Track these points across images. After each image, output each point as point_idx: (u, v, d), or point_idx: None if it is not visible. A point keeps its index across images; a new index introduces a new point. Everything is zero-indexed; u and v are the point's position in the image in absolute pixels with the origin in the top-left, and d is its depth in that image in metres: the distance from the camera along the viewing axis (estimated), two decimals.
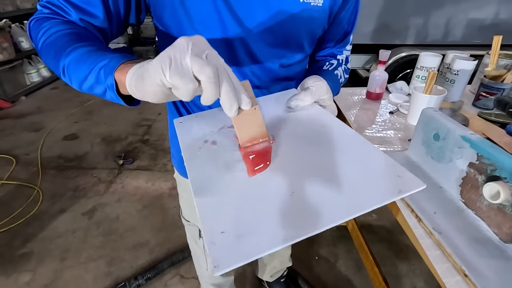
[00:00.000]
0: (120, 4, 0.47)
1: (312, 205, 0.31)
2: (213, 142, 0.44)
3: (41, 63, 3.48)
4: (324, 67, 0.63)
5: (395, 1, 2.37)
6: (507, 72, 0.96)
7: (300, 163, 0.38)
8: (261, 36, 0.52)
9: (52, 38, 0.42)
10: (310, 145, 0.42)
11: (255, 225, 0.29)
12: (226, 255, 0.26)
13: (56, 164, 2.11)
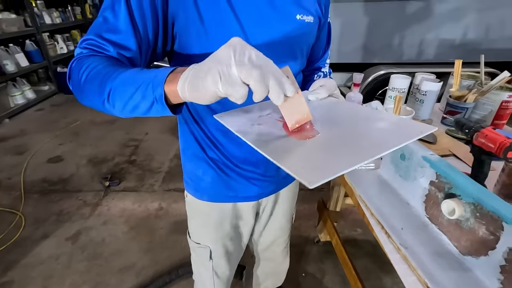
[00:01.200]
0: (150, 35, 0.51)
1: (356, 146, 0.40)
2: (259, 124, 0.49)
3: (26, 85, 3.47)
4: (315, 78, 0.74)
5: (372, 24, 2.52)
6: (469, 92, 1.04)
7: (340, 129, 0.46)
8: (266, 51, 0.59)
9: (96, 69, 0.45)
10: (342, 121, 0.49)
11: (323, 162, 0.37)
12: (312, 175, 0.33)
13: (40, 188, 2.08)
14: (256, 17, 0.55)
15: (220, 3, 0.52)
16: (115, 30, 0.48)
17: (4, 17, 3.14)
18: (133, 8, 0.48)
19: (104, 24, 0.49)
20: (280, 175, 0.79)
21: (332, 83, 0.59)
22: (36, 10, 3.63)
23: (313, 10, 0.62)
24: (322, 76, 0.76)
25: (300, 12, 0.59)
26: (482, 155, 0.66)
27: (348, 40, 2.59)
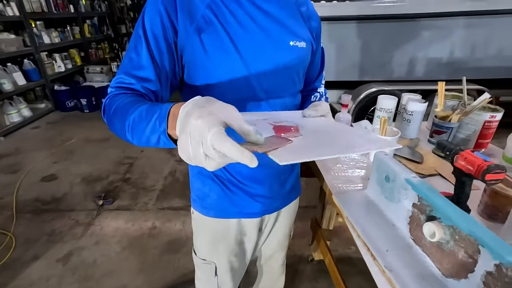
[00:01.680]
0: (167, 67, 0.59)
1: (324, 147, 0.49)
2: (253, 124, 0.53)
3: (22, 103, 3.49)
4: (312, 98, 0.81)
5: (363, 43, 2.61)
6: (453, 113, 1.08)
7: (318, 136, 0.53)
8: (266, 76, 0.65)
9: (120, 106, 0.53)
10: (324, 132, 0.57)
11: (295, 151, 0.44)
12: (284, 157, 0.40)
13: (32, 207, 2.06)
14: (253, 46, 0.62)
15: (221, 36, 0.59)
16: (138, 67, 0.57)
17: (3, 38, 3.20)
18: (152, 46, 0.57)
19: (129, 63, 0.58)
20: (283, 192, 0.83)
21: (325, 106, 0.66)
22: (36, 31, 3.71)
23: (305, 37, 0.70)
24: (318, 96, 0.83)
25: (293, 39, 0.66)
26: (462, 176, 0.68)
27: (341, 59, 2.68)
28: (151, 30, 0.57)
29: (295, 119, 0.62)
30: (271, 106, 0.69)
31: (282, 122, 0.57)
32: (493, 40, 2.56)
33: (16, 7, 3.32)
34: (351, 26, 2.52)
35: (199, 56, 0.60)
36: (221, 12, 0.59)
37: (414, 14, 2.44)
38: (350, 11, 2.47)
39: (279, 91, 0.69)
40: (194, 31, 0.58)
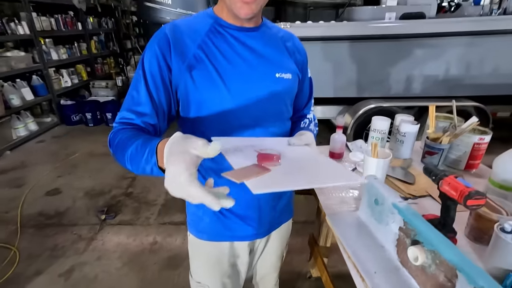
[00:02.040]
0: (163, 102, 0.66)
1: (296, 178, 0.53)
2: (241, 150, 0.61)
3: (29, 117, 3.58)
4: (301, 125, 0.85)
5: (361, 61, 2.68)
6: (443, 135, 1.12)
7: (294, 166, 0.58)
8: (255, 107, 0.71)
9: (122, 140, 0.59)
10: (302, 162, 0.62)
11: (270, 181, 0.50)
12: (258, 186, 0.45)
13: (36, 222, 2.10)
14: (239, 79, 0.68)
15: (210, 72, 0.66)
16: (138, 103, 0.65)
17: (14, 55, 3.32)
18: (150, 85, 0.64)
19: (130, 100, 0.65)
20: (274, 216, 0.86)
21: (309, 136, 0.72)
22: (45, 48, 3.84)
23: (290, 69, 0.76)
24: (307, 122, 0.87)
25: (278, 71, 0.73)
26: (447, 200, 0.71)
27: (340, 76, 2.75)
28: (149, 70, 0.64)
29: (281, 147, 0.67)
30: (261, 133, 0.74)
31: (267, 149, 0.62)
32: (489, 58, 2.62)
33: (27, 26, 3.46)
34: (349, 45, 2.60)
35: (191, 91, 0.66)
36: (211, 51, 0.66)
37: (409, 34, 2.52)
38: (347, 31, 2.56)
39: (267, 119, 0.74)
40: (186, 69, 0.65)
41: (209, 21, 0.70)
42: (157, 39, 0.65)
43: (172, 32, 0.66)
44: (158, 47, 0.64)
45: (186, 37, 0.66)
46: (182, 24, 0.69)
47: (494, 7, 2.81)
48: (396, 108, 2.74)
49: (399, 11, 2.83)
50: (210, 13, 0.71)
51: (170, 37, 0.65)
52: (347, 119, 2.83)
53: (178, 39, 0.65)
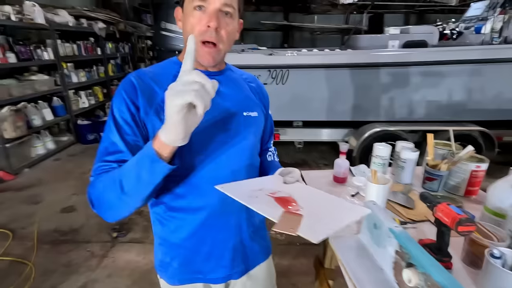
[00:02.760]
0: (136, 139, 0.67)
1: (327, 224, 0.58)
2: (256, 196, 0.66)
3: (48, 136, 3.76)
4: (269, 158, 0.92)
5: (365, 86, 2.79)
6: (442, 162, 1.18)
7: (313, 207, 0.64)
8: (223, 145, 0.74)
9: (104, 179, 0.62)
10: (314, 203, 0.67)
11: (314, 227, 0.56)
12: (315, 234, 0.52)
13: (52, 238, 2.18)
14: (207, 121, 0.67)
15: None
16: (113, 152, 0.64)
17: (38, 79, 3.56)
18: (122, 131, 0.65)
19: (104, 151, 0.65)
20: (247, 254, 0.84)
21: (297, 172, 0.77)
22: (66, 71, 4.10)
23: (256, 107, 0.82)
24: (272, 155, 0.93)
25: (245, 110, 0.78)
26: (442, 226, 0.77)
27: (345, 101, 2.85)
28: (119, 116, 0.65)
29: (279, 185, 0.73)
30: (236, 168, 0.76)
31: (275, 191, 0.68)
32: (492, 84, 2.69)
33: (52, 52, 3.72)
34: (354, 72, 2.72)
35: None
36: None
37: (412, 62, 2.63)
38: (352, 59, 2.69)
39: (240, 155, 0.77)
40: (153, 113, 0.67)
41: (175, 67, 0.73)
42: (124, 87, 0.67)
43: (139, 79, 0.68)
44: (125, 92, 0.67)
45: (152, 84, 0.69)
46: (148, 71, 0.72)
47: (495, 35, 2.91)
48: (401, 132, 2.80)
49: (402, 39, 2.97)
50: (175, 60, 0.76)
51: (137, 84, 0.67)
52: (353, 142, 2.90)
53: (145, 85, 0.68)
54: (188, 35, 0.65)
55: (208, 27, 0.65)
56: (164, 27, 3.00)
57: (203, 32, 0.66)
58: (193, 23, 0.66)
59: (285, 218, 0.58)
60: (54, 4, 4.44)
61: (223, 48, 0.70)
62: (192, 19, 0.66)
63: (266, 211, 0.59)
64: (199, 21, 0.66)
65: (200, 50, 0.68)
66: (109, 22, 5.13)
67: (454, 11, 6.79)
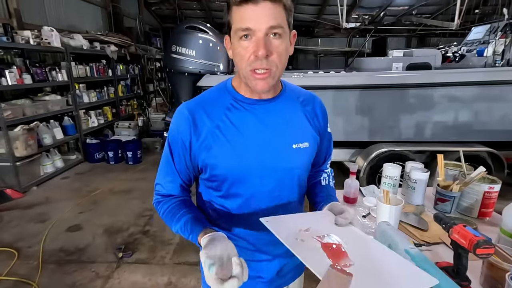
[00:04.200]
0: (186, 171, 0.77)
1: None
2: (302, 239, 0.63)
3: (57, 155, 3.81)
4: (322, 182, 0.89)
5: (370, 107, 2.82)
6: (453, 183, 1.17)
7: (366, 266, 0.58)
8: (271, 176, 0.76)
9: (163, 214, 0.77)
10: (368, 260, 0.61)
11: None
12: None
13: (57, 257, 2.16)
14: (255, 154, 0.72)
15: (226, 148, 0.72)
16: (170, 179, 0.78)
17: (51, 99, 3.67)
18: (176, 163, 0.76)
19: (164, 174, 0.78)
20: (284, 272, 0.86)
21: (351, 213, 0.72)
22: (78, 92, 4.23)
23: (308, 137, 0.78)
24: (327, 178, 0.91)
25: (295, 142, 0.75)
26: (458, 249, 0.76)
27: (351, 121, 2.87)
28: (175, 151, 0.75)
29: (328, 227, 0.69)
30: (278, 200, 0.77)
31: (323, 235, 0.64)
32: (498, 105, 2.70)
33: (65, 73, 3.87)
34: (359, 93, 2.77)
35: (209, 165, 0.73)
36: (227, 128, 0.72)
37: (417, 84, 2.67)
38: (357, 80, 2.74)
39: (283, 187, 0.77)
40: (204, 148, 0.72)
41: (227, 97, 0.74)
42: (178, 122, 0.73)
43: (192, 113, 0.72)
44: (179, 130, 0.73)
45: (204, 116, 0.72)
46: (201, 100, 0.75)
47: (497, 58, 2.97)
48: (408, 152, 2.79)
49: (406, 62, 3.04)
50: (229, 87, 0.76)
51: (190, 119, 0.71)
52: (360, 162, 2.89)
53: (197, 119, 0.72)
54: (237, 65, 0.68)
55: (256, 56, 0.63)
56: (175, 50, 3.11)
57: (253, 61, 0.64)
58: (242, 53, 0.65)
59: (331, 276, 0.52)
60: (70, 29, 4.67)
61: (276, 70, 0.67)
62: (240, 49, 0.65)
63: (311, 262, 0.55)
64: (247, 50, 0.64)
65: (251, 80, 0.66)
66: (121, 45, 5.34)
67: (454, 35, 6.96)
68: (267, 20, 0.61)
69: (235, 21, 0.64)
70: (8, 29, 3.08)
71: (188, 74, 3.16)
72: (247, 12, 0.61)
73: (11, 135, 3.06)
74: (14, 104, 3.22)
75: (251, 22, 0.61)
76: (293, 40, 0.72)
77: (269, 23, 0.62)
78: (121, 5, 6.31)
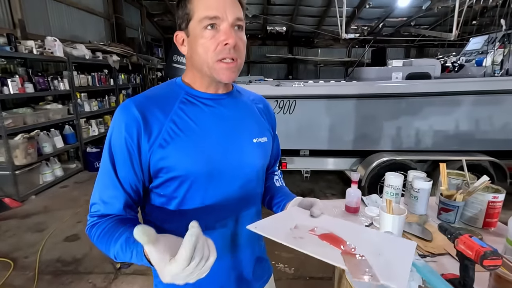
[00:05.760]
0: (134, 182, 0.65)
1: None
2: (301, 237, 0.62)
3: (57, 164, 3.80)
4: (276, 183, 0.88)
5: (371, 116, 2.82)
6: (457, 192, 1.16)
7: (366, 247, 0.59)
8: (234, 172, 0.71)
9: (98, 237, 0.61)
10: (361, 239, 0.62)
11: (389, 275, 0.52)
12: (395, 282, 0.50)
13: (54, 268, 2.12)
14: (217, 149, 0.68)
15: (186, 144, 0.65)
16: (111, 195, 0.63)
17: (52, 108, 3.68)
18: (118, 171, 0.63)
19: (103, 188, 0.64)
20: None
21: (320, 203, 0.71)
22: (79, 101, 4.24)
23: (265, 131, 0.79)
24: (278, 178, 0.90)
25: (255, 136, 0.75)
26: (465, 260, 0.74)
27: (352, 130, 2.87)
28: (119, 154, 0.63)
29: (310, 220, 0.68)
30: (242, 196, 0.73)
31: (313, 228, 0.64)
32: (499, 114, 2.71)
33: (67, 83, 3.89)
34: (359, 102, 2.77)
35: (166, 166, 0.64)
36: (184, 122, 0.65)
37: (417, 93, 2.68)
38: (358, 90, 2.75)
39: (248, 183, 0.74)
40: (158, 146, 0.63)
41: (180, 92, 0.69)
42: (125, 120, 0.62)
43: (141, 109, 0.63)
44: (126, 131, 0.62)
45: (156, 110, 0.64)
46: (151, 96, 0.67)
47: (496, 68, 2.99)
48: (409, 161, 2.78)
49: (405, 71, 3.06)
50: (179, 82, 0.71)
51: (139, 116, 0.62)
52: (360, 171, 2.87)
53: (147, 115, 0.63)
54: (200, 57, 0.64)
55: (225, 45, 0.62)
56: (176, 60, 3.15)
57: (220, 50, 0.62)
58: (207, 44, 0.62)
59: (351, 262, 0.53)
60: (73, 39, 4.73)
61: (241, 62, 0.67)
62: (203, 40, 0.62)
63: (324, 255, 0.54)
64: (214, 40, 0.62)
65: (219, 68, 0.64)
66: (123, 55, 5.40)
67: (453, 45, 7.05)
68: (234, 11, 0.62)
69: (199, 10, 0.62)
70: (12, 39, 3.12)
71: None
72: (213, 1, 0.61)
73: (11, 144, 3.06)
74: (15, 113, 3.23)
75: (218, 11, 0.61)
76: None
77: (235, 14, 0.62)
78: (124, 16, 6.42)
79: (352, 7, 7.58)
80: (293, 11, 7.88)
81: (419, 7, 7.06)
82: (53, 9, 4.53)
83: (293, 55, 10.21)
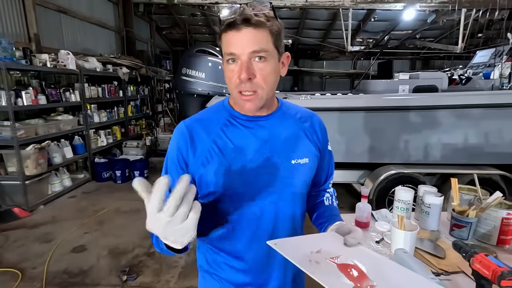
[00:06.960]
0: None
1: None
2: (317, 261, 0.60)
3: (66, 174, 3.85)
4: (325, 202, 0.87)
5: (378, 129, 2.82)
6: (469, 208, 1.14)
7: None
8: (269, 191, 0.74)
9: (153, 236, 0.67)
10: (387, 275, 0.59)
11: None
12: None
13: (60, 279, 2.12)
14: (252, 170, 0.72)
15: (223, 164, 0.71)
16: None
17: (63, 119, 3.76)
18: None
19: None
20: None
21: (360, 233, 0.69)
22: (89, 112, 4.33)
23: (307, 152, 0.78)
24: (330, 198, 0.89)
25: (294, 158, 0.75)
26: (481, 279, 0.72)
27: (359, 143, 2.86)
28: (172, 165, 0.75)
29: (339, 248, 0.66)
30: (278, 216, 0.76)
31: (336, 256, 0.62)
32: (506, 127, 2.67)
33: (78, 94, 3.99)
34: (366, 115, 2.77)
35: (206, 182, 0.73)
36: (224, 143, 0.72)
37: (424, 106, 2.68)
38: (364, 102, 2.76)
39: (284, 203, 0.76)
40: (200, 164, 0.72)
41: (224, 114, 0.76)
42: (176, 139, 0.75)
43: (189, 130, 0.74)
44: (176, 146, 0.74)
45: (201, 131, 0.74)
46: (199, 118, 0.77)
47: (504, 81, 2.98)
48: (418, 174, 2.75)
49: (412, 84, 3.06)
50: (226, 105, 0.78)
51: (187, 135, 0.73)
52: (368, 184, 2.84)
53: (194, 135, 0.73)
54: (228, 87, 0.72)
55: (240, 80, 0.66)
56: (185, 72, 3.21)
57: (239, 83, 0.67)
58: (229, 76, 0.69)
59: None
60: (85, 52, 4.87)
61: (263, 92, 0.69)
62: (227, 72, 0.69)
63: (332, 284, 0.53)
64: (233, 74, 0.67)
65: (240, 99, 0.69)
66: (133, 68, 5.53)
67: (459, 57, 7.06)
68: (250, 45, 0.65)
69: (223, 46, 0.68)
70: (28, 52, 3.23)
71: (197, 96, 3.23)
72: (231, 38, 0.66)
73: (22, 154, 3.11)
74: (27, 124, 3.30)
75: (234, 48, 0.66)
76: (287, 61, 0.76)
77: (251, 48, 0.65)
78: (134, 30, 6.59)
79: (357, 20, 7.69)
80: (299, 25, 8.00)
81: (424, 20, 7.13)
82: (67, 24, 4.69)
83: (298, 67, 10.32)
